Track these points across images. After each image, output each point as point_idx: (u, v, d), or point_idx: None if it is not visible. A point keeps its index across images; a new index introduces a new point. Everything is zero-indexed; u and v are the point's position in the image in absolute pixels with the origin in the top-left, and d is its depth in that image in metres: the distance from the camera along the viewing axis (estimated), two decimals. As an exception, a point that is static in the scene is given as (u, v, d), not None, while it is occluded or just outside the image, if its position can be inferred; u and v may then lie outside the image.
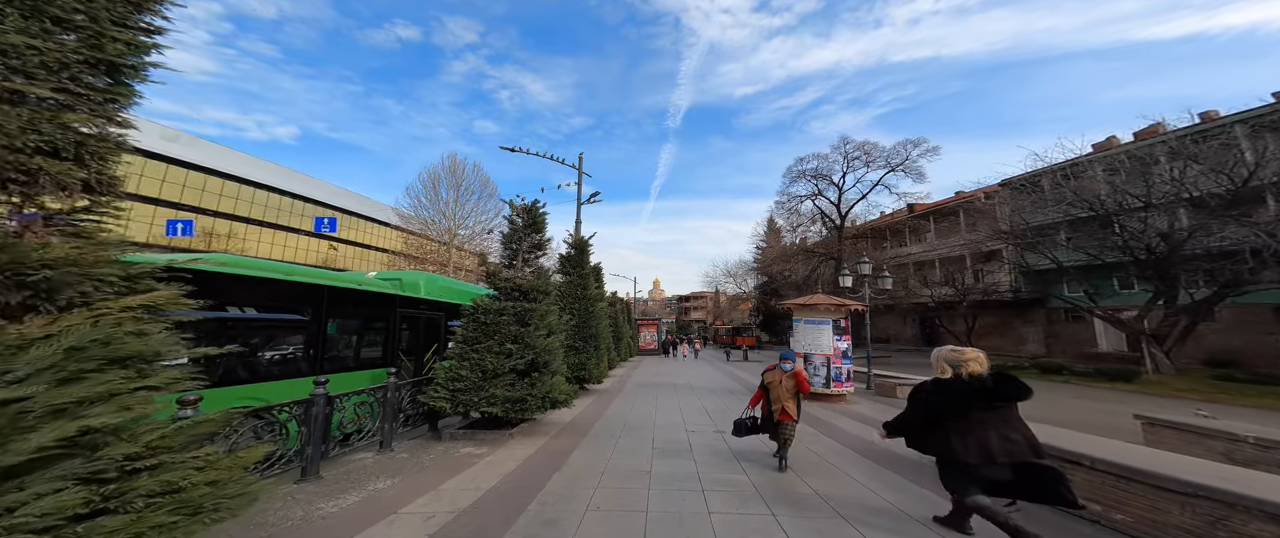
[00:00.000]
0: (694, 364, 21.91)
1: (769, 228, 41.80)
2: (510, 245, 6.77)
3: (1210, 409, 8.27)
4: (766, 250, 39.83)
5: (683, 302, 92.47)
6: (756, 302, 39.44)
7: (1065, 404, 9.35)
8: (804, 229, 29.04)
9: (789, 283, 32.64)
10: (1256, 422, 6.80)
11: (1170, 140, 14.50)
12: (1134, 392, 11.52)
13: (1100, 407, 9.09)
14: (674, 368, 18.93)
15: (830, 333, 8.94)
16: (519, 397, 5.44)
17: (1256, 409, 8.80)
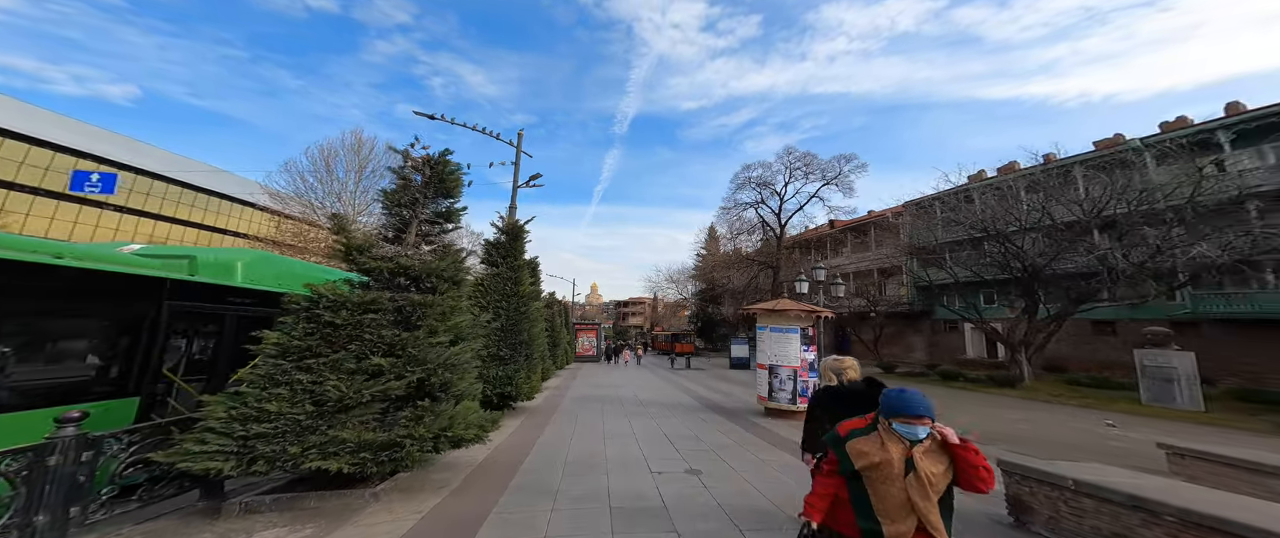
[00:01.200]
0: (638, 372, 20.44)
1: (710, 236, 42.83)
2: (398, 210, 4.52)
3: (1068, 411, 9.23)
4: (707, 258, 40.56)
5: (621, 307, 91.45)
6: (695, 308, 39.79)
7: (987, 413, 9.70)
8: (745, 237, 29.87)
9: (728, 290, 33.29)
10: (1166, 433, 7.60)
11: (1027, 176, 17.56)
12: (1022, 396, 12.95)
13: (1020, 415, 9.58)
14: (617, 377, 17.20)
15: (798, 342, 8.15)
16: (388, 440, 3.29)
17: (1127, 414, 9.88)
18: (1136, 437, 7.39)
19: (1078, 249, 13.94)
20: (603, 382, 15.16)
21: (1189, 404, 10.36)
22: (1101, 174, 15.19)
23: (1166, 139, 15.63)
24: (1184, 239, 12.17)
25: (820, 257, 33.74)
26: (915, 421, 1.62)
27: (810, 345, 8.13)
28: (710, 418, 8.27)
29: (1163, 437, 6.80)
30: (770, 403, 8.30)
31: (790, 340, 8.17)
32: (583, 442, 6.08)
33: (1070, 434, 7.60)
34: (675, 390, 12.79)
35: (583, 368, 21.95)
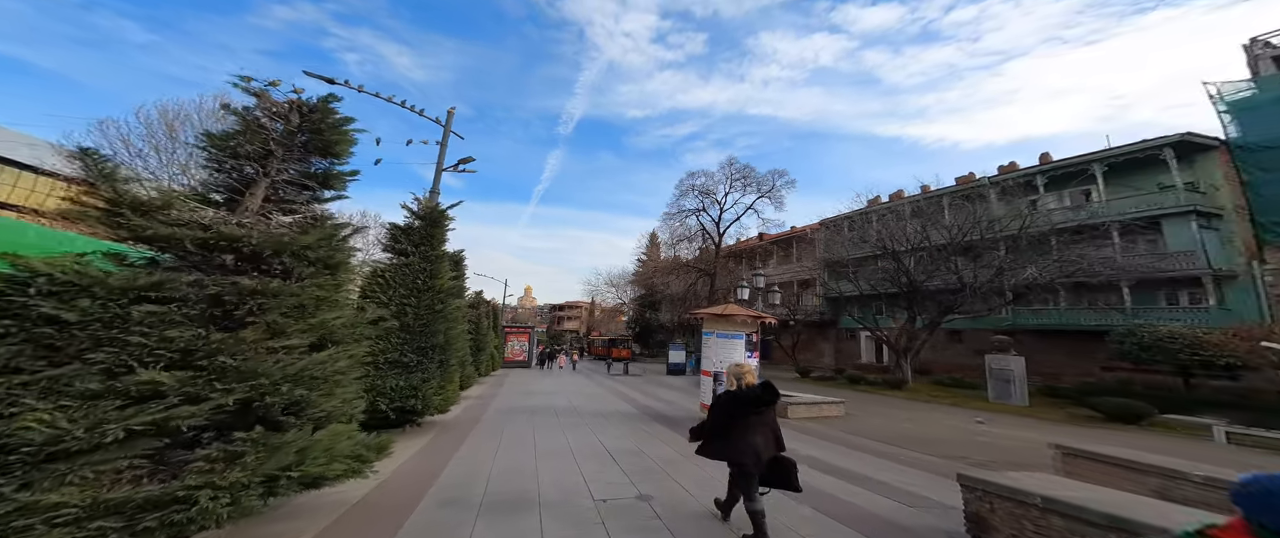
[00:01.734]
0: (573, 378, 19.31)
1: (652, 241, 43.20)
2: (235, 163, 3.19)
3: (937, 409, 10.77)
4: (647, 263, 40.74)
5: (556, 311, 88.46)
6: (634, 313, 39.57)
7: (883, 413, 10.22)
8: (685, 244, 30.44)
9: (667, 296, 33.62)
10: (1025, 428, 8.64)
11: (912, 203, 20.46)
12: (906, 397, 13.97)
13: (906, 415, 10.03)
14: (551, 383, 15.94)
15: (743, 348, 8.00)
16: (163, 496, 2.07)
17: (982, 410, 11.15)
18: (1000, 432, 8.28)
19: (946, 268, 16.35)
20: (535, 389, 13.85)
21: (1020, 401, 12.16)
22: (967, 203, 18.13)
23: (1003, 179, 19.36)
24: (1015, 263, 14.97)
25: (750, 267, 35.92)
26: None
27: (753, 351, 8.04)
28: (653, 428, 7.72)
29: (1017, 431, 7.97)
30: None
31: (736, 346, 8.00)
32: (508, 464, 5.06)
33: (951, 433, 8.00)
34: (614, 398, 12.09)
35: (512, 374, 20.18)
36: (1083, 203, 17.75)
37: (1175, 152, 15.14)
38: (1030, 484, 2.49)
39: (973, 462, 5.58)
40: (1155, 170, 15.67)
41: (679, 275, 31.35)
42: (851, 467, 5.25)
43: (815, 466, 5.29)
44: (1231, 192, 14.38)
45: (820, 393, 11.85)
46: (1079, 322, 16.55)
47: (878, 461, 5.57)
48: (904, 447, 6.39)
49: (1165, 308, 14.92)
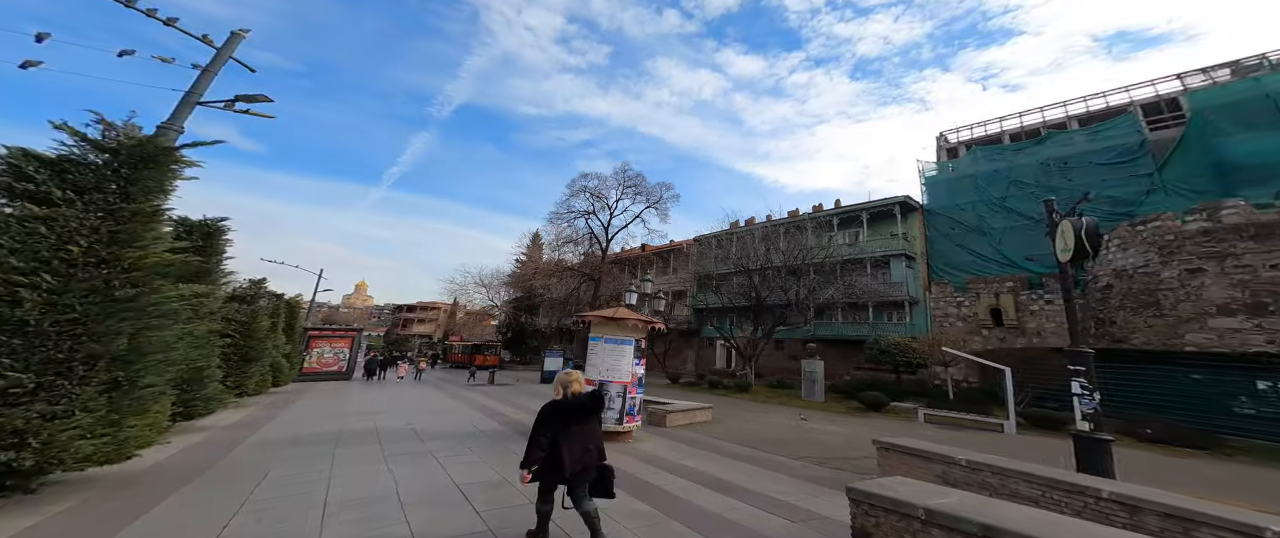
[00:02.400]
0: (417, 390, 15.39)
1: (534, 242, 40.09)
2: None
3: (771, 408, 13.80)
4: (528, 264, 37.52)
5: (403, 312, 72.88)
6: (507, 317, 35.47)
7: (735, 414, 10.92)
8: (571, 247, 29.11)
9: (547, 300, 31.46)
10: (828, 422, 10.65)
11: (763, 228, 25.25)
12: (752, 399, 15.46)
13: (752, 415, 10.80)
14: (381, 398, 12.16)
15: (632, 355, 7.47)
16: None
17: (801, 408, 13.05)
18: (820, 427, 9.38)
19: (781, 287, 20.50)
20: (351, 407, 10.20)
21: (820, 397, 14.80)
22: (797, 233, 23.24)
23: (816, 217, 25.81)
24: (822, 284, 19.93)
25: (632, 276, 37.29)
26: None
27: (641, 358, 7.62)
28: (522, 448, 6.31)
29: (829, 425, 9.32)
30: (594, 424, 7.18)
31: (625, 353, 7.41)
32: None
33: (792, 432, 8.57)
34: (474, 412, 9.86)
35: (315, 389, 14.79)
36: (855, 241, 24.88)
37: (900, 210, 22.76)
38: (911, 495, 2.54)
39: (817, 459, 6.39)
40: (890, 222, 23.19)
41: (562, 279, 29.66)
42: (731, 477, 5.22)
43: (700, 480, 5.07)
44: (922, 242, 22.43)
45: (691, 399, 12.47)
46: (848, 333, 22.80)
47: (749, 468, 5.73)
48: (764, 449, 6.92)
49: (889, 323, 22.06)
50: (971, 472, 4.07)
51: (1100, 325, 13.04)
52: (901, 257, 21.99)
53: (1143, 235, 11.77)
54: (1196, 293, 9.95)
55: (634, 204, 27.62)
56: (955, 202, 21.71)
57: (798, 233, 22.99)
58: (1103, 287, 13.32)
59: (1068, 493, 3.14)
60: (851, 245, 23.91)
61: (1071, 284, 5.38)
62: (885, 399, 11.67)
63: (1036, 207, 18.92)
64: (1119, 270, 12.52)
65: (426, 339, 63.71)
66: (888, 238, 22.76)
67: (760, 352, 20.74)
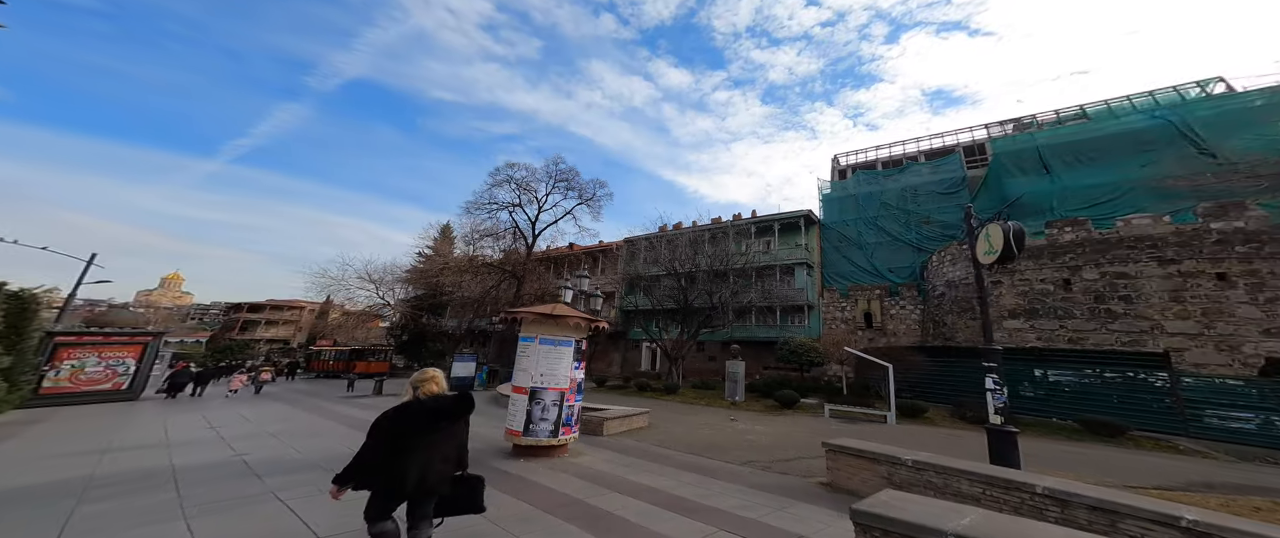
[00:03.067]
0: (257, 408, 11.45)
1: (443, 235, 34.91)
2: None
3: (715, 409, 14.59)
4: (434, 258, 32.43)
5: (245, 312, 57.02)
6: (405, 318, 29.93)
7: (675, 419, 10.51)
8: (490, 242, 25.89)
9: (458, 300, 27.57)
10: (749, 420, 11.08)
11: (690, 233, 26.42)
12: (682, 401, 15.25)
13: (701, 420, 10.46)
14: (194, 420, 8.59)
15: (571, 358, 6.55)
16: None
17: (727, 409, 13.04)
18: (752, 428, 9.35)
19: (706, 290, 21.63)
20: (128, 439, 6.85)
21: (741, 398, 14.75)
22: (722, 238, 24.79)
23: (737, 224, 27.99)
24: (743, 288, 21.62)
25: (557, 275, 35.22)
26: None
27: (581, 362, 6.77)
28: None
29: (759, 426, 9.45)
30: (524, 439, 6.09)
31: (563, 355, 6.46)
32: None
33: (729, 436, 8.40)
34: (348, 432, 7.54)
35: (67, 414, 9.95)
36: (767, 249, 27.57)
37: (804, 222, 26.00)
38: (925, 516, 2.36)
39: (762, 464, 6.36)
40: (796, 233, 26.29)
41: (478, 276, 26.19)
42: (687, 494, 4.75)
43: (655, 499, 4.50)
44: (819, 252, 25.99)
45: (622, 402, 11.91)
46: (759, 334, 25.11)
47: (702, 480, 5.35)
48: (709, 455, 6.72)
49: (791, 325, 25.01)
50: (917, 472, 4.23)
51: (937, 326, 16.64)
52: (804, 265, 25.01)
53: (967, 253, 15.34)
54: (997, 300, 13.33)
55: (565, 199, 25.96)
56: (843, 218, 25.57)
57: (724, 238, 24.42)
58: (939, 294, 17.06)
59: (1006, 490, 3.41)
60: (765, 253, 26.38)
61: (986, 285, 6.26)
62: (796, 396, 12.90)
63: (899, 226, 23.67)
64: (950, 280, 16.13)
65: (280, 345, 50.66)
66: (794, 248, 25.67)
67: (686, 354, 21.37)
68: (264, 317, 55.69)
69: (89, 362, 14.71)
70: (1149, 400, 8.99)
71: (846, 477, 4.94)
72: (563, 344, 6.50)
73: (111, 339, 15.31)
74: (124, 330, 16.27)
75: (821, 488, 5.03)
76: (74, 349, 14.48)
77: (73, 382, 14.13)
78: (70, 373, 14.21)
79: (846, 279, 24.21)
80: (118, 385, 14.89)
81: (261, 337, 53.36)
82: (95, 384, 14.48)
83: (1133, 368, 9.31)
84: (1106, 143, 16.22)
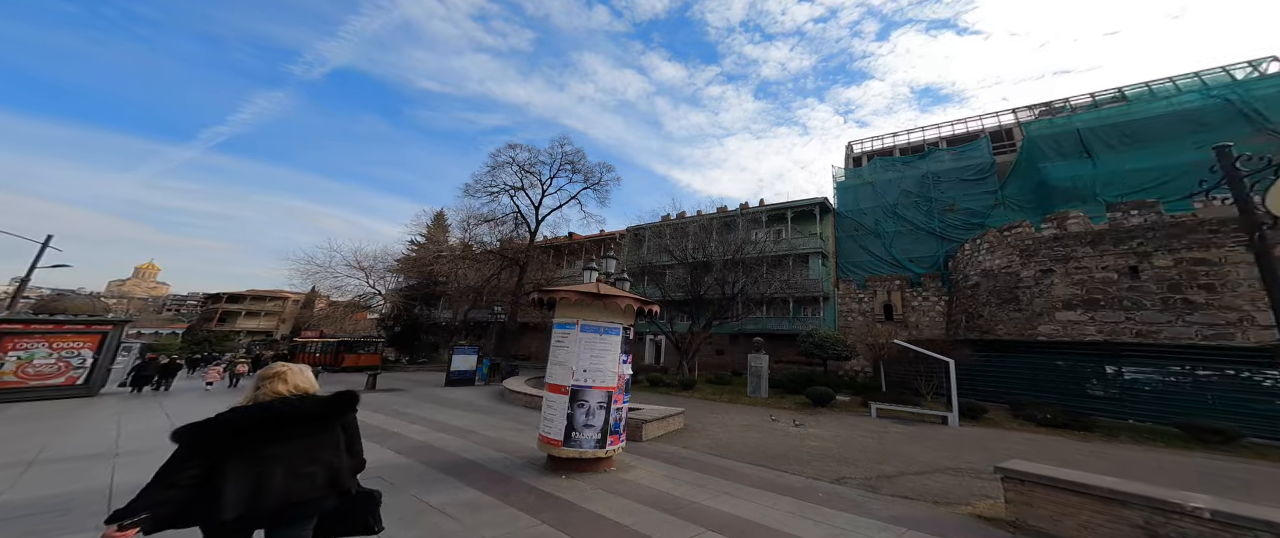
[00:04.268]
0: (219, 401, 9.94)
1: (436, 222, 33.09)
2: None
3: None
4: (428, 246, 30.68)
5: (223, 302, 54.65)
6: (398, 308, 28.24)
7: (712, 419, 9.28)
8: (487, 228, 24.20)
9: (456, 290, 26.00)
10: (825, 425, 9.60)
11: (696, 222, 25.18)
12: (703, 398, 13.50)
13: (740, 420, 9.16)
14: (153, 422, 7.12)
15: (619, 349, 5.29)
16: None
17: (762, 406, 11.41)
18: (799, 430, 8.10)
19: (721, 280, 20.44)
20: (66, 446, 5.36)
21: (765, 394, 13.29)
22: (739, 227, 23.53)
23: (748, 212, 26.62)
24: (760, 278, 20.47)
25: (558, 266, 33.71)
26: None
27: (628, 355, 5.51)
28: (454, 497, 3.68)
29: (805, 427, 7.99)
30: (566, 449, 4.86)
31: (610, 346, 5.20)
32: None
33: (773, 437, 7.31)
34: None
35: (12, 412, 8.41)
36: (778, 239, 26.33)
37: (819, 210, 24.87)
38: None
39: (860, 480, 5.15)
40: (810, 221, 25.19)
41: (476, 264, 24.59)
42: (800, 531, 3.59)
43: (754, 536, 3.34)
44: (833, 242, 24.93)
45: (638, 399, 10.64)
46: (770, 326, 24.03)
47: (811, 508, 4.08)
48: (788, 469, 5.55)
49: (804, 317, 23.99)
50: (1222, 530, 2.58)
51: (970, 319, 15.73)
52: (819, 254, 23.95)
53: (1008, 240, 14.38)
54: (1047, 290, 12.39)
55: (570, 183, 24.35)
56: (860, 206, 24.50)
57: (736, 226, 23.21)
58: (972, 285, 16.12)
59: None
60: (776, 242, 25.22)
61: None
62: (831, 393, 11.80)
63: (920, 215, 22.71)
64: (986, 270, 15.18)
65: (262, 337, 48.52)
66: (808, 237, 24.60)
67: (698, 347, 20.25)
68: (244, 308, 53.24)
69: (38, 352, 13.01)
70: (1258, 403, 7.93)
71: (1052, 519, 3.38)
72: (609, 332, 5.24)
73: (63, 327, 13.57)
74: (79, 318, 14.48)
75: (1005, 531, 3.59)
76: (20, 338, 12.77)
77: (19, 376, 12.45)
78: (16, 366, 12.52)
79: (863, 269, 23.26)
80: (71, 380, 13.23)
81: (242, 328, 51.03)
82: (45, 379, 12.82)
83: (1234, 365, 8.36)
84: (1154, 124, 15.32)
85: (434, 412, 9.31)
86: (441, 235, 32.27)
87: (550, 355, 5.33)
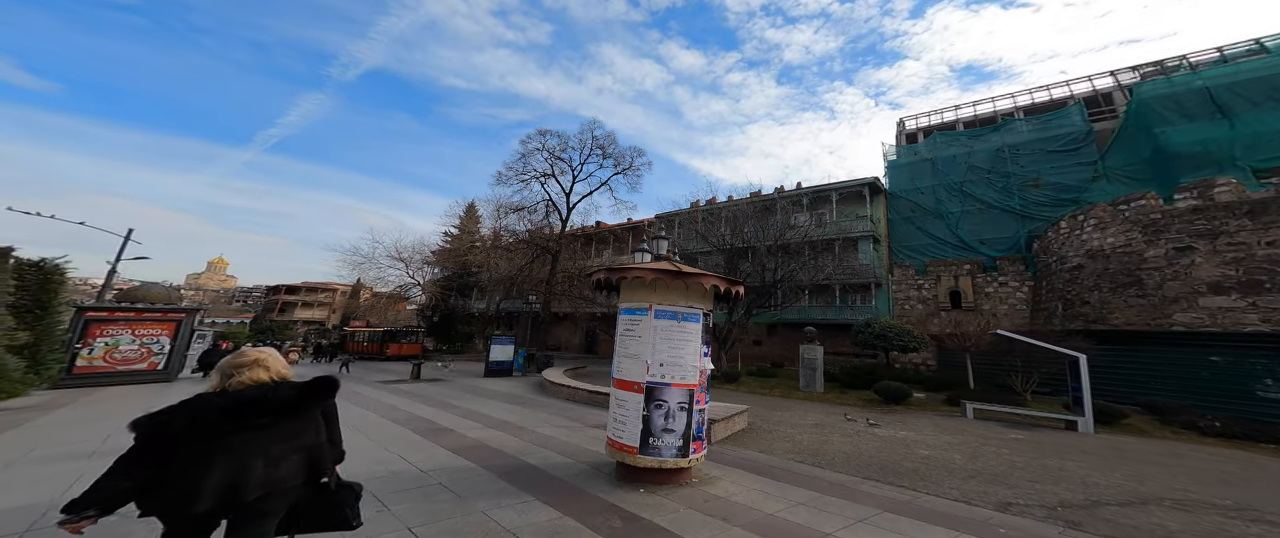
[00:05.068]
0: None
1: (468, 213, 33.58)
2: None
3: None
4: (461, 237, 31.16)
5: (282, 294, 58.64)
6: (434, 298, 28.99)
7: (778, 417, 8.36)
8: (516, 217, 24.04)
9: (491, 280, 26.21)
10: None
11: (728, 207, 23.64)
12: (750, 391, 12.81)
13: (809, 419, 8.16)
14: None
15: (700, 338, 4.42)
16: None
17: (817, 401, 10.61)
18: (889, 434, 6.94)
19: (761, 267, 19.04)
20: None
21: (820, 388, 12.38)
22: (783, 210, 21.94)
23: (787, 195, 24.53)
24: (803, 265, 18.87)
25: (585, 256, 33.30)
26: None
27: (709, 346, 4.63)
28: (527, 518, 3.03)
29: (896, 431, 6.64)
30: (643, 458, 4.08)
31: (690, 335, 4.35)
32: None
33: (870, 444, 6.23)
34: (396, 432, 5.70)
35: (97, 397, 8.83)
36: (819, 223, 24.14)
37: (869, 191, 22.71)
38: None
39: (1029, 509, 4.04)
40: (858, 203, 23.06)
41: (508, 255, 24.59)
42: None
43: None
44: (885, 224, 22.72)
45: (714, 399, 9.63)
46: (814, 315, 22.26)
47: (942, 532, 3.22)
48: (913, 485, 4.51)
49: (852, 306, 22.08)
50: None
51: (1069, 307, 13.60)
52: (869, 238, 21.99)
53: (1125, 215, 12.15)
54: (1186, 272, 10.27)
55: (600, 169, 23.63)
56: (917, 185, 22.17)
57: (773, 211, 21.66)
58: (1072, 268, 13.91)
59: None
60: (820, 227, 23.33)
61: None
62: (907, 390, 10.35)
63: (994, 192, 20.13)
64: (1093, 251, 12.99)
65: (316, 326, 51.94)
66: (856, 219, 22.63)
67: (738, 337, 19.11)
68: (300, 299, 57.19)
69: (123, 339, 13.95)
70: None
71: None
72: (689, 318, 4.38)
73: (143, 315, 14.50)
74: (156, 306, 15.47)
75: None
76: (106, 325, 13.70)
77: (107, 361, 13.39)
78: (104, 351, 13.45)
79: (922, 253, 21.07)
80: (153, 365, 14.13)
81: (299, 318, 54.88)
82: (130, 364, 13.72)
83: None
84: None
85: (479, 404, 8.92)
86: (474, 226, 32.72)
87: (618, 346, 4.54)
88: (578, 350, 30.26)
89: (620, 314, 4.67)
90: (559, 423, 7.16)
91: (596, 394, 9.17)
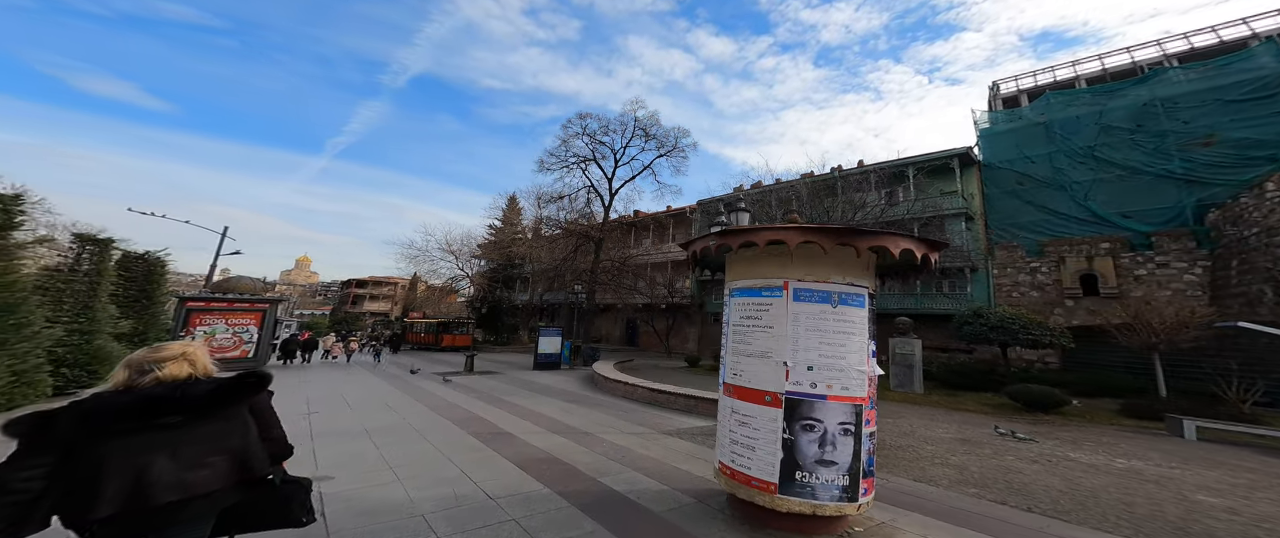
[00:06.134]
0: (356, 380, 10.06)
1: (510, 206, 34.14)
2: None
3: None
4: (505, 228, 31.67)
5: (353, 288, 64.39)
6: (481, 290, 29.82)
7: (915, 433, 6.70)
8: (555, 206, 23.58)
9: (535, 271, 26.27)
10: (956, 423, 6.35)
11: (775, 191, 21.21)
12: None
13: (945, 432, 6.51)
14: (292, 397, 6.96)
15: (866, 330, 3.04)
16: None
17: (913, 404, 9.11)
18: (1085, 460, 5.27)
19: None
20: None
21: (919, 389, 10.90)
22: (852, 188, 19.37)
23: (849, 173, 20.87)
24: None
25: (623, 246, 32.41)
26: None
27: (874, 341, 3.19)
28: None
29: (1092, 456, 5.29)
30: (787, 499, 2.78)
31: (853, 325, 2.98)
32: None
33: (1066, 474, 4.68)
34: (458, 438, 4.93)
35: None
36: (895, 201, 20.81)
37: (959, 163, 19.26)
38: None
39: None
40: (942, 178, 19.66)
41: (551, 246, 24.38)
42: None
43: None
44: (980, 201, 19.21)
45: None
46: (890, 305, 19.20)
47: None
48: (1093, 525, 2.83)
49: (941, 293, 18.95)
50: None
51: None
52: (962, 216, 18.75)
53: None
54: None
55: (643, 153, 22.42)
56: (1024, 154, 18.45)
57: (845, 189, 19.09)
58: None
59: None
60: (893, 205, 20.27)
61: None
62: (1062, 397, 8.01)
63: (1142, 155, 16.07)
64: (1329, 218, 9.46)
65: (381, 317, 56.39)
66: (942, 195, 19.41)
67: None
68: (368, 292, 62.58)
69: (219, 328, 15.13)
70: None
71: None
72: (848, 302, 2.99)
73: (233, 305, 15.72)
74: (244, 296, 16.80)
75: None
76: (204, 315, 14.92)
77: (215, 347, 14.58)
78: (204, 339, 14.65)
79: (1034, 232, 17.55)
80: (244, 353, 15.22)
81: (368, 310, 60.07)
82: (225, 352, 14.84)
83: None
84: None
85: (535, 402, 8.13)
86: (516, 217, 33.13)
87: (729, 340, 3.28)
88: (619, 343, 29.64)
89: (731, 297, 3.39)
90: (626, 429, 6.11)
91: (657, 393, 8.08)
